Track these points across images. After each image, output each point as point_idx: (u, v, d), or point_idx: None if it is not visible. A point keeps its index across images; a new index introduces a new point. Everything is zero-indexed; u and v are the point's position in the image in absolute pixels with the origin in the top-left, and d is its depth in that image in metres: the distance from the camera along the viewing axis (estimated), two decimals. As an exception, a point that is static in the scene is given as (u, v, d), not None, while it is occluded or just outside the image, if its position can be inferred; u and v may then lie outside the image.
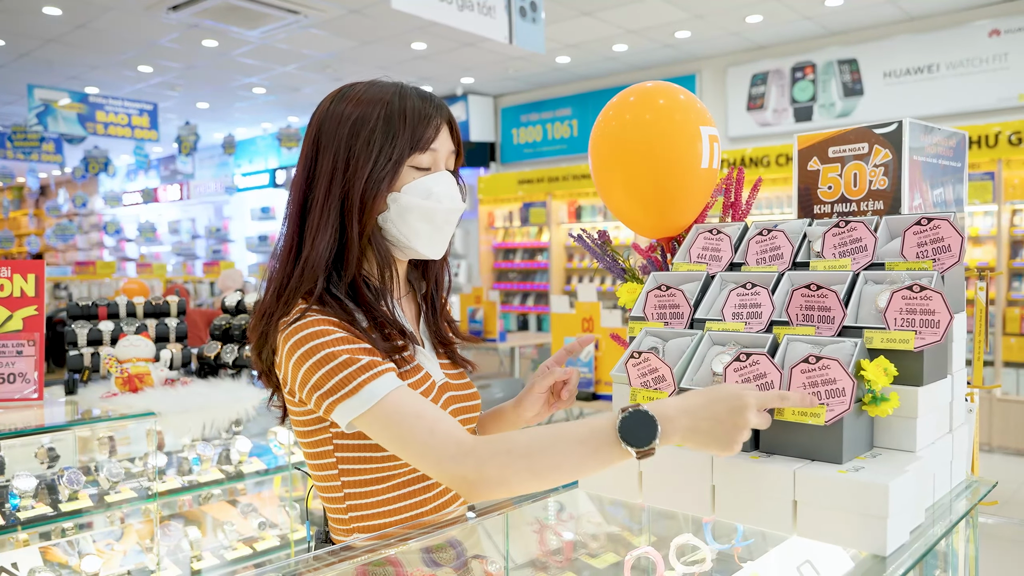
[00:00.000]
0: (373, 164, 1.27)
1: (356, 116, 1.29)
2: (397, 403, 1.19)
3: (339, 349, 1.21)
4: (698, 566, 1.46)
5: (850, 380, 1.08)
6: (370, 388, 1.19)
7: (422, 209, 1.31)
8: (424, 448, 1.16)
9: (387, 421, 1.18)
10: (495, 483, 1.12)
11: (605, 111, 1.66)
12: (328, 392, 1.20)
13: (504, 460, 1.12)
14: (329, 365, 1.20)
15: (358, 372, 1.19)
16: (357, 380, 1.19)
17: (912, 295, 1.17)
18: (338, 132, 1.29)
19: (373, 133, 1.28)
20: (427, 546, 1.30)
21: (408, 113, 1.29)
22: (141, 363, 2.47)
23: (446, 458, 1.14)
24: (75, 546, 2.52)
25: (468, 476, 1.12)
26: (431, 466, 1.16)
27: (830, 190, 1.57)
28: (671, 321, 1.38)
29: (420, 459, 1.17)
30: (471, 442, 1.15)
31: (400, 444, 1.19)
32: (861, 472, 1.05)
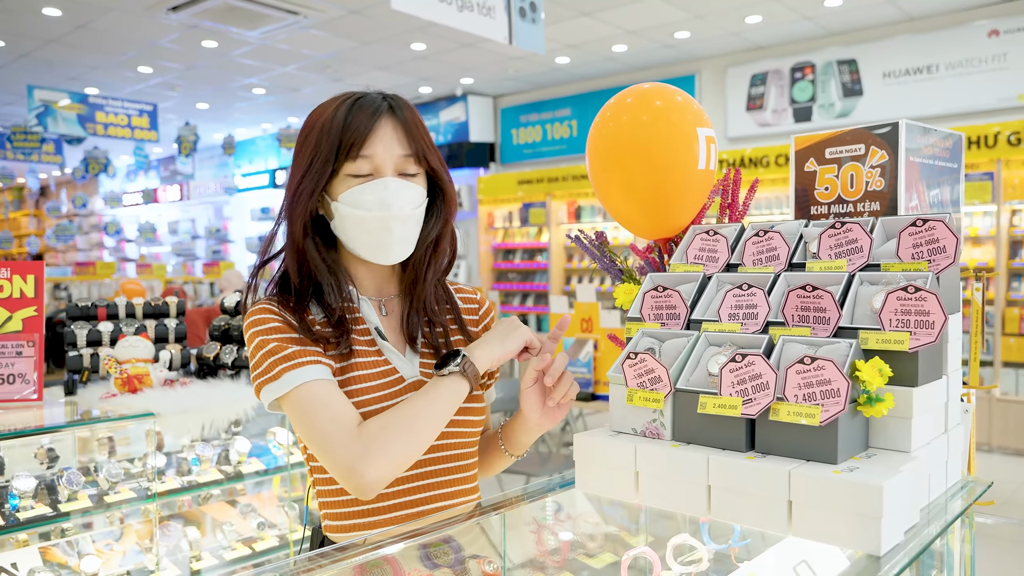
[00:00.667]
0: (304, 172, 1.35)
1: (306, 126, 1.38)
2: (309, 392, 1.26)
3: (271, 338, 1.31)
4: (695, 566, 1.47)
5: (845, 381, 1.08)
6: (289, 376, 1.27)
7: (353, 217, 1.36)
8: (322, 437, 1.24)
9: (297, 407, 1.27)
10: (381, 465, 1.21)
11: (602, 112, 1.66)
12: (258, 375, 1.31)
13: (383, 439, 1.23)
14: (262, 351, 1.31)
15: (281, 360, 1.29)
16: (279, 367, 1.28)
17: (907, 296, 1.17)
18: (297, 144, 1.40)
19: (317, 144, 1.34)
20: (425, 545, 1.30)
21: (341, 121, 1.34)
22: (140, 364, 2.48)
23: (337, 447, 1.22)
24: (74, 546, 2.52)
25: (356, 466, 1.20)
26: (326, 453, 1.24)
27: (827, 191, 1.58)
28: (668, 322, 1.39)
29: (319, 449, 1.25)
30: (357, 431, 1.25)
31: (305, 432, 1.27)
32: (856, 472, 1.05)
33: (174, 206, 16.48)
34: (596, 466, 1.30)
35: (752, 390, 1.15)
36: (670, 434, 1.25)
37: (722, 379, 1.18)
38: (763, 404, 1.13)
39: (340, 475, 1.23)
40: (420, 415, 1.26)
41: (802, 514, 1.07)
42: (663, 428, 1.26)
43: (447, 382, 1.31)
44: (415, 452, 1.26)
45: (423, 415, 1.27)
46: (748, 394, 1.15)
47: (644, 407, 1.27)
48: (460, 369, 1.31)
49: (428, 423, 1.27)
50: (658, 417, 1.26)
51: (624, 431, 1.31)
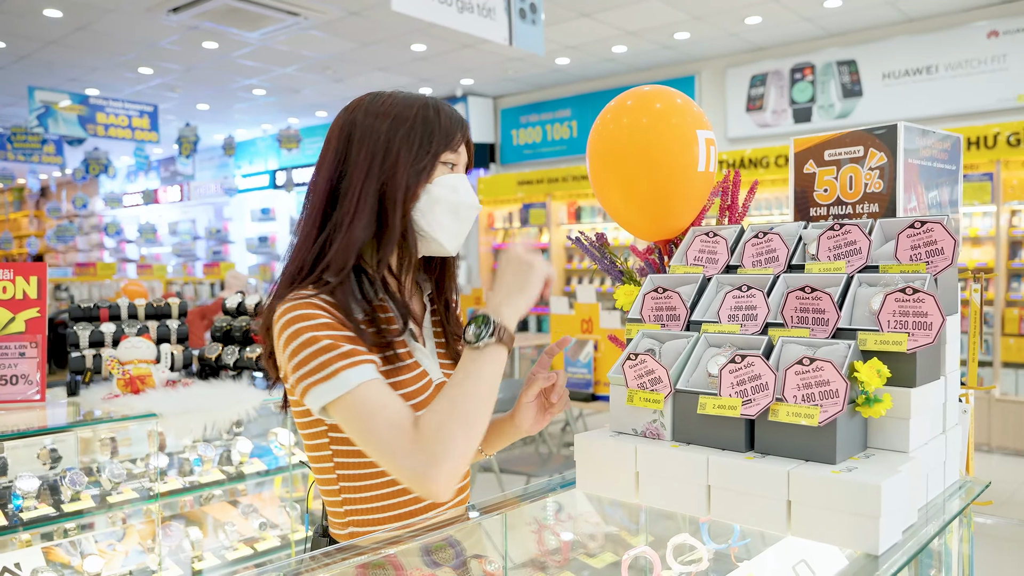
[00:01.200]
0: (415, 155, 1.34)
1: (395, 113, 1.35)
2: (367, 394, 1.19)
3: (322, 334, 1.22)
4: (695, 566, 1.48)
5: (843, 381, 1.09)
6: (345, 375, 1.19)
7: (449, 202, 1.37)
8: (382, 443, 1.18)
9: (354, 410, 1.19)
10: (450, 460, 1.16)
11: (603, 115, 1.67)
12: (305, 375, 1.21)
13: (444, 434, 1.16)
14: (310, 348, 1.21)
15: (336, 358, 1.20)
16: (334, 366, 1.20)
17: (905, 297, 1.18)
18: (375, 126, 1.34)
19: (413, 128, 1.34)
20: (426, 545, 1.31)
21: (442, 114, 1.37)
22: (143, 364, 2.49)
23: (403, 452, 1.16)
24: (77, 547, 2.53)
25: (423, 470, 1.15)
26: (390, 460, 1.18)
27: (826, 193, 1.59)
28: (668, 323, 1.40)
29: (379, 454, 1.19)
30: (417, 435, 1.18)
31: (364, 436, 1.20)
32: (854, 472, 1.06)
33: (174, 207, 16.49)
34: (597, 466, 1.31)
35: (751, 391, 1.16)
36: (670, 434, 1.26)
37: (722, 380, 1.19)
38: (762, 405, 1.14)
39: (410, 483, 1.18)
40: (473, 401, 1.19)
41: (801, 514, 1.08)
42: (663, 428, 1.27)
43: (488, 355, 1.22)
44: (476, 442, 1.20)
45: (476, 400, 1.20)
46: (747, 395, 1.16)
47: (644, 408, 1.28)
48: (496, 338, 1.23)
49: (482, 408, 1.21)
50: (658, 418, 1.27)
51: (624, 431, 1.32)
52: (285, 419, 3.03)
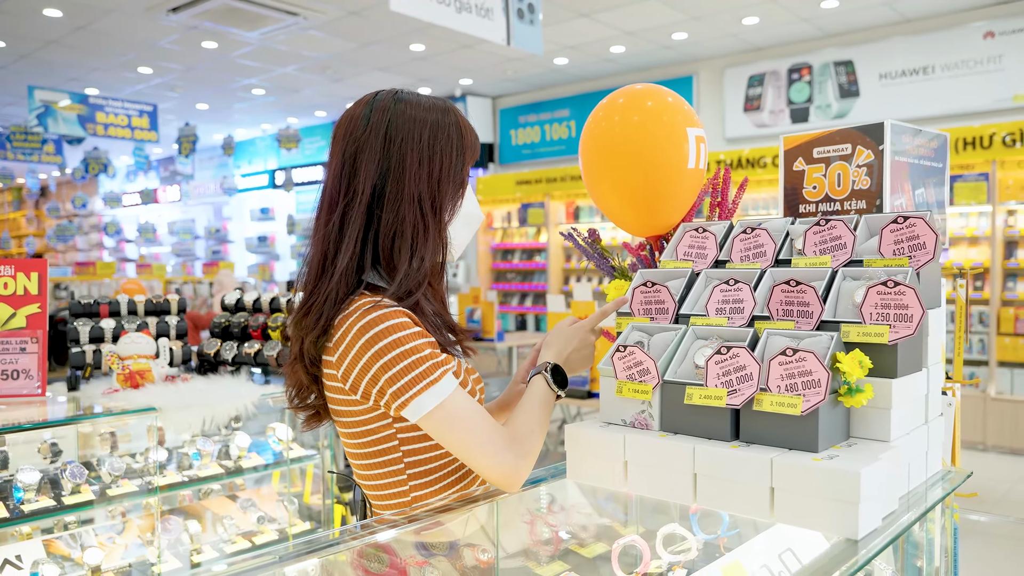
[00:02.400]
0: (455, 167, 1.38)
1: (432, 121, 1.36)
2: (460, 399, 1.29)
3: (421, 343, 1.28)
4: (684, 555, 1.51)
5: (825, 372, 1.12)
6: (444, 382, 1.28)
7: (468, 215, 1.43)
8: (483, 443, 1.28)
9: (451, 417, 1.28)
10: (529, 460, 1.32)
11: (595, 113, 1.70)
12: (406, 385, 1.25)
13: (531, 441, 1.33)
14: (410, 359, 1.26)
15: (435, 367, 1.27)
16: (435, 374, 1.27)
17: (887, 290, 1.21)
18: (415, 131, 1.34)
19: (450, 138, 1.38)
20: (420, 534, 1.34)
21: (468, 129, 1.42)
22: (142, 360, 2.52)
23: (501, 449, 1.29)
24: (77, 539, 2.56)
25: (516, 463, 1.29)
26: (487, 458, 1.28)
27: (815, 190, 1.62)
28: (657, 316, 1.42)
29: (477, 452, 1.28)
30: (509, 434, 1.32)
31: (460, 438, 1.28)
32: (835, 460, 1.09)
33: (174, 206, 16.51)
34: (587, 456, 1.34)
35: (736, 381, 1.19)
36: (658, 424, 1.29)
37: (708, 371, 1.22)
38: (747, 395, 1.17)
39: (500, 476, 1.29)
40: (544, 422, 1.37)
41: (784, 500, 1.11)
42: (651, 419, 1.30)
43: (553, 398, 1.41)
44: None
45: (545, 422, 1.38)
46: (733, 385, 1.19)
47: (633, 398, 1.31)
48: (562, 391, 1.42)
49: (546, 426, 1.39)
50: (646, 408, 1.30)
51: (614, 422, 1.35)
52: (283, 414, 3.06)
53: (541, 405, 1.37)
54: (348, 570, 1.26)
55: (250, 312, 3.05)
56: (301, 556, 1.15)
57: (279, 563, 1.09)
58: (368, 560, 1.29)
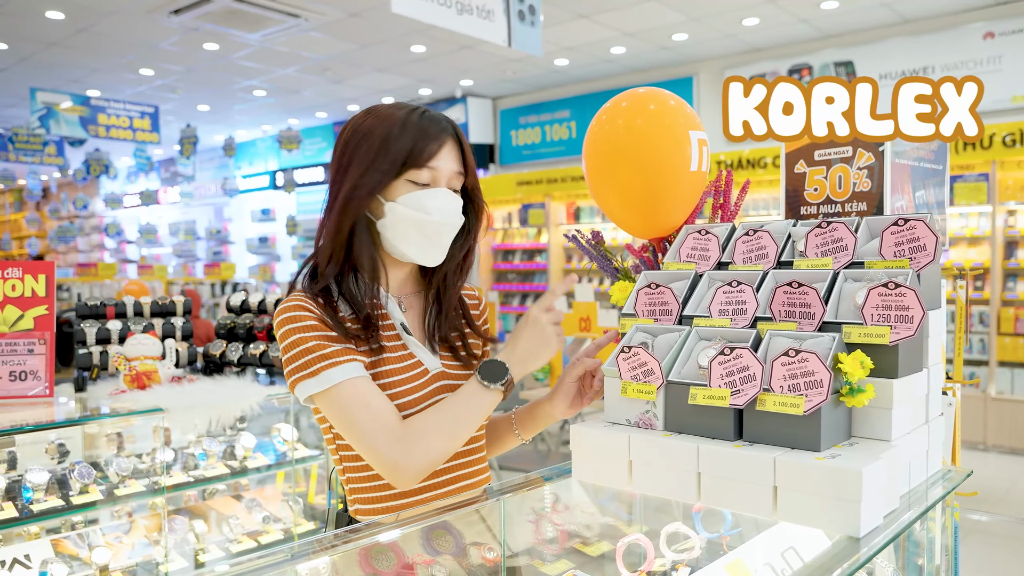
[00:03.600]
0: (363, 171, 1.41)
1: (367, 128, 1.43)
2: (349, 390, 1.34)
3: (309, 335, 1.37)
4: (687, 553, 1.53)
5: (827, 372, 1.14)
6: (328, 373, 1.34)
7: (412, 219, 1.43)
8: (364, 436, 1.33)
9: (338, 404, 1.34)
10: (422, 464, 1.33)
11: (598, 116, 1.72)
12: (295, 369, 1.37)
13: (425, 440, 1.33)
14: (299, 347, 1.36)
15: (319, 359, 1.35)
16: (318, 365, 1.34)
17: (888, 292, 1.23)
18: (350, 141, 1.44)
19: (372, 144, 1.42)
20: (426, 532, 1.36)
21: (410, 130, 1.42)
22: (149, 361, 2.54)
23: (381, 446, 1.32)
24: (85, 539, 2.58)
25: (399, 461, 1.31)
26: (368, 451, 1.33)
27: (816, 192, 1.64)
28: (660, 318, 1.44)
29: (360, 445, 1.34)
30: (400, 431, 1.34)
31: (346, 429, 1.35)
32: (837, 459, 1.11)
33: (175, 207, 16.53)
34: (592, 455, 1.35)
35: (740, 381, 1.20)
36: (662, 424, 1.31)
37: (711, 371, 1.23)
38: (750, 395, 1.19)
39: (383, 470, 1.33)
40: (460, 420, 1.37)
41: (787, 499, 1.13)
42: (655, 419, 1.32)
43: (488, 395, 1.39)
44: (450, 452, 1.37)
45: (463, 421, 1.37)
46: (736, 385, 1.21)
47: (637, 399, 1.33)
48: (504, 389, 1.40)
49: (466, 429, 1.38)
50: (651, 408, 1.32)
51: (618, 422, 1.37)
52: (288, 414, 3.08)
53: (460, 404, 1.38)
54: (357, 568, 1.28)
55: (255, 313, 3.07)
56: (312, 554, 1.17)
57: (291, 561, 1.11)
58: (376, 559, 1.30)
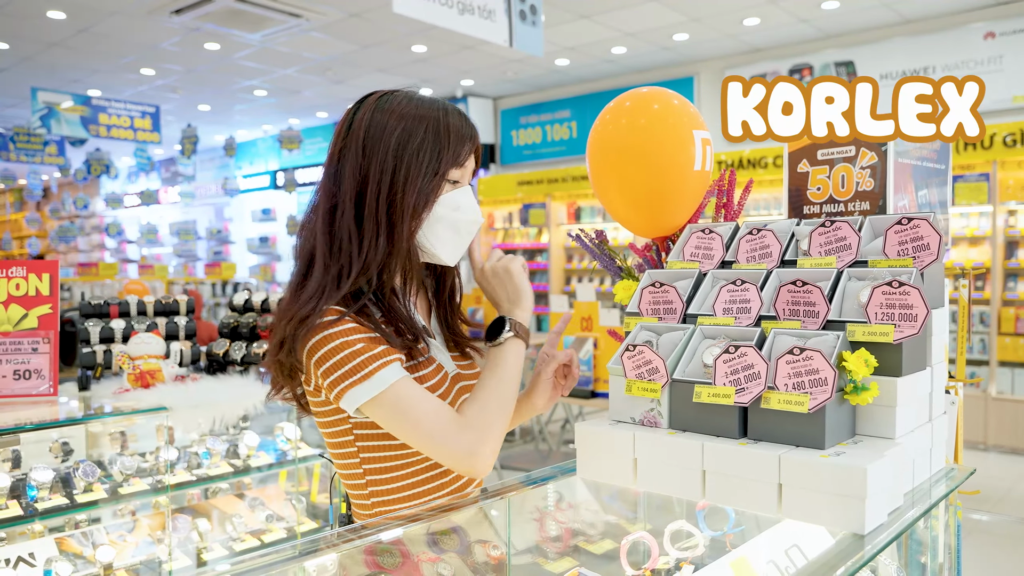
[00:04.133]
0: (423, 177, 1.36)
1: (403, 128, 1.36)
2: (403, 389, 1.30)
3: (354, 338, 1.30)
4: (691, 551, 1.53)
5: (832, 370, 1.15)
6: (381, 375, 1.29)
7: (451, 220, 1.41)
8: (429, 430, 1.29)
9: (395, 406, 1.29)
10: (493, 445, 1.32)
11: (602, 116, 1.72)
12: (340, 378, 1.29)
13: (488, 422, 1.32)
14: (343, 353, 1.29)
15: (370, 360, 1.29)
16: (369, 367, 1.29)
17: (892, 290, 1.23)
18: (384, 142, 1.36)
19: (423, 146, 1.36)
20: (431, 531, 1.36)
21: (451, 130, 1.39)
22: (152, 360, 2.54)
23: (450, 437, 1.29)
24: (89, 537, 2.58)
25: (475, 450, 1.30)
26: (436, 446, 1.30)
27: (819, 191, 1.64)
28: (665, 316, 1.45)
29: (426, 440, 1.30)
30: (464, 419, 1.32)
31: (407, 427, 1.30)
32: (842, 456, 1.12)
33: (175, 207, 16.54)
34: (597, 453, 1.36)
35: (744, 380, 1.21)
36: (667, 422, 1.31)
37: (716, 370, 1.24)
38: (755, 393, 1.20)
39: (458, 463, 1.31)
40: (504, 389, 1.36)
41: (791, 496, 1.13)
42: (660, 417, 1.32)
43: (509, 348, 1.39)
44: (508, 421, 1.36)
45: (506, 388, 1.36)
46: (741, 383, 1.21)
47: (642, 397, 1.33)
48: (514, 332, 1.39)
49: (511, 393, 1.37)
50: (655, 406, 1.33)
51: (623, 420, 1.37)
52: (291, 413, 3.09)
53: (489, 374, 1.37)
54: (363, 566, 1.28)
55: (258, 312, 3.08)
56: (317, 552, 1.17)
57: (299, 557, 1.11)
58: (382, 556, 1.31)
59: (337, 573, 1.24)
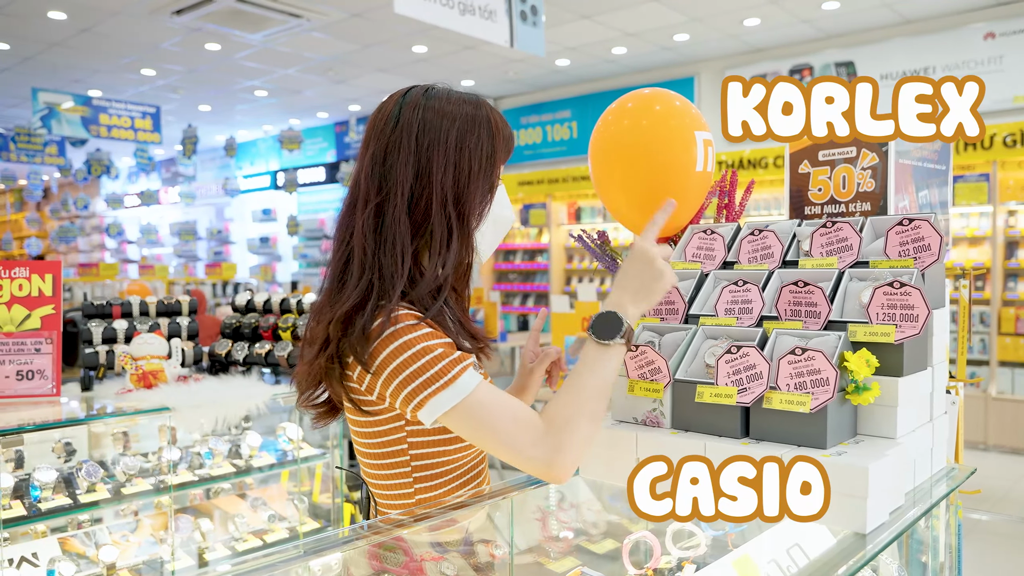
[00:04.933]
0: (483, 174, 1.33)
1: (458, 126, 1.32)
2: (485, 395, 1.23)
3: (434, 343, 1.24)
4: (693, 551, 1.54)
5: (833, 370, 1.15)
6: (463, 380, 1.22)
7: (499, 217, 1.39)
8: (510, 439, 1.20)
9: (476, 412, 1.22)
10: (576, 456, 1.20)
11: (604, 116, 1.73)
12: (422, 385, 1.22)
13: (572, 427, 1.20)
14: (425, 358, 1.22)
15: (450, 366, 1.22)
16: (451, 373, 1.22)
17: (893, 291, 1.24)
18: (443, 140, 1.31)
19: (479, 143, 1.33)
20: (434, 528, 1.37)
21: (500, 127, 1.37)
22: (155, 360, 2.55)
23: (530, 444, 1.20)
24: (92, 537, 2.59)
25: (553, 459, 1.19)
26: (516, 453, 1.21)
27: (820, 192, 1.65)
28: (667, 317, 1.46)
29: (505, 448, 1.21)
30: (544, 424, 1.22)
31: (486, 435, 1.22)
32: (843, 456, 1.12)
33: (176, 207, 16.55)
34: (599, 453, 1.36)
35: (747, 380, 1.22)
36: (669, 422, 1.32)
37: (718, 370, 1.25)
38: (757, 393, 1.20)
39: (537, 471, 1.21)
40: (595, 394, 1.23)
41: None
42: (662, 417, 1.33)
43: (612, 353, 1.24)
44: (597, 431, 1.25)
45: (599, 394, 1.23)
46: (743, 384, 1.22)
47: (645, 397, 1.34)
48: (625, 339, 1.24)
49: (604, 401, 1.25)
50: (658, 406, 1.33)
51: (626, 420, 1.38)
52: (292, 414, 3.09)
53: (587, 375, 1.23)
54: (367, 566, 1.29)
55: (260, 313, 3.09)
56: (323, 551, 1.18)
57: (303, 557, 1.12)
58: (385, 556, 1.31)
59: (342, 572, 1.25)
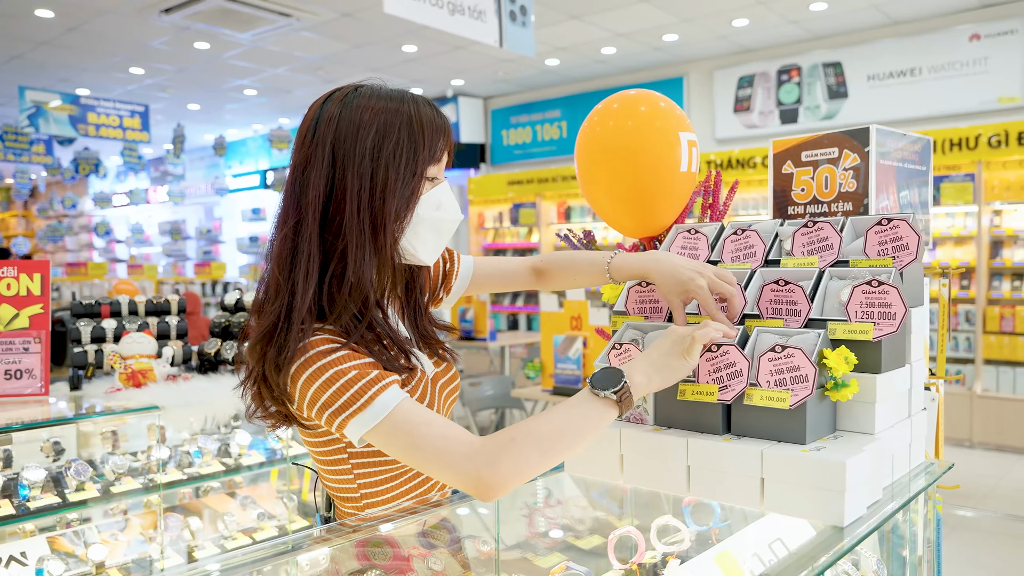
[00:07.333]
0: (403, 180, 1.26)
1: (375, 129, 1.25)
2: (406, 413, 1.18)
3: (347, 366, 1.20)
4: (677, 546, 1.56)
5: (812, 367, 1.18)
6: (380, 400, 1.18)
7: (433, 221, 1.32)
8: (437, 454, 1.16)
9: (398, 432, 1.18)
10: (509, 474, 1.13)
11: (590, 117, 1.75)
12: (339, 410, 1.19)
13: (512, 449, 1.13)
14: (338, 383, 1.19)
15: (367, 386, 1.19)
16: (367, 395, 1.18)
17: (871, 289, 1.26)
18: (358, 147, 1.25)
19: (399, 147, 1.26)
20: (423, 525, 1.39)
21: (426, 124, 1.28)
22: (144, 359, 2.55)
23: (459, 459, 1.14)
24: (81, 536, 2.59)
25: (482, 475, 1.12)
26: (444, 470, 1.16)
27: (803, 192, 1.67)
28: (651, 315, 1.48)
29: (434, 464, 1.17)
30: (479, 441, 1.16)
31: (412, 452, 1.18)
32: (822, 451, 1.15)
33: (165, 207, 16.48)
34: (584, 450, 1.38)
35: (727, 377, 1.24)
36: (652, 419, 1.34)
37: (699, 368, 1.27)
38: (737, 390, 1.22)
39: (466, 485, 1.15)
40: (559, 434, 1.16)
41: (773, 490, 1.16)
42: (646, 414, 1.35)
43: (598, 405, 1.17)
44: (544, 468, 1.16)
45: (562, 435, 1.16)
46: (723, 381, 1.24)
47: (628, 394, 1.36)
48: (617, 397, 1.16)
49: (566, 444, 1.16)
50: (641, 403, 1.35)
51: (610, 417, 1.40)
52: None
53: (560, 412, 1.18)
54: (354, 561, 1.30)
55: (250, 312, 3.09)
56: (308, 547, 1.19)
57: (291, 552, 1.13)
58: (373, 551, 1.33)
59: (329, 568, 1.26)
